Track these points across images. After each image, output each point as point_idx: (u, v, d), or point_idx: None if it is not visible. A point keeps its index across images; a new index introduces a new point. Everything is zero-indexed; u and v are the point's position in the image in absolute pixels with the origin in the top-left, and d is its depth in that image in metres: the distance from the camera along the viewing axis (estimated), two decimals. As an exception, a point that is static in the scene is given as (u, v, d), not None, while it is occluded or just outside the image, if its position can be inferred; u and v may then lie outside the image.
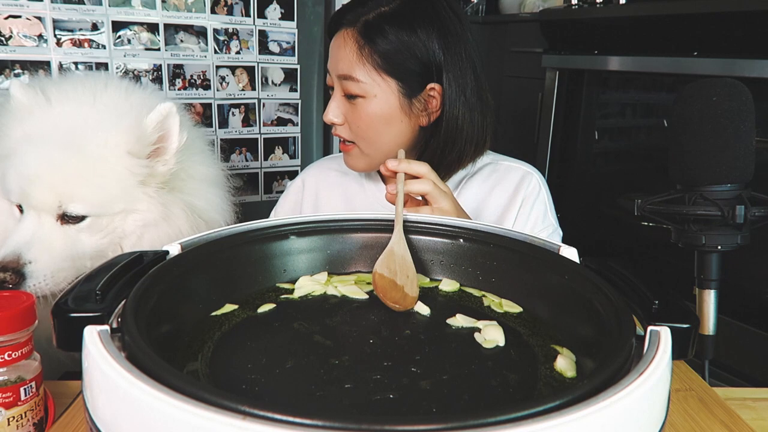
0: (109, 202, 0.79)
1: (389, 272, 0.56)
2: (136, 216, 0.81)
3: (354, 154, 0.95)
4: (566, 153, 2.10)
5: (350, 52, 0.89)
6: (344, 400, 0.39)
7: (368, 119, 0.90)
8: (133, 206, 0.80)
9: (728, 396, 0.66)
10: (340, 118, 0.92)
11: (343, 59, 0.89)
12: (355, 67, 0.88)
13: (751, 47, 1.45)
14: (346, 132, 0.93)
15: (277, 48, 1.64)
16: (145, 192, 0.81)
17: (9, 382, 0.52)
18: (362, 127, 0.91)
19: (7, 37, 1.29)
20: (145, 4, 1.41)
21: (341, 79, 0.90)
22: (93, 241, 0.79)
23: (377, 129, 0.91)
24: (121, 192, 0.79)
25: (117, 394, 0.31)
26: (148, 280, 0.45)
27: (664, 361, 0.35)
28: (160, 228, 0.82)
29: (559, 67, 2.01)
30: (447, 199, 0.77)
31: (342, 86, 0.91)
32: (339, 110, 0.92)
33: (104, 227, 0.79)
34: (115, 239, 0.80)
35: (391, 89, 0.89)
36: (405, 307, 0.54)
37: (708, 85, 0.73)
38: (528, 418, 0.29)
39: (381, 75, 0.88)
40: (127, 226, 0.80)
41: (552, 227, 0.98)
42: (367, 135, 0.91)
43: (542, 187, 0.99)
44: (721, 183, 0.71)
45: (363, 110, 0.90)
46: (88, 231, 0.78)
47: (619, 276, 0.48)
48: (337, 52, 0.91)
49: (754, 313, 1.50)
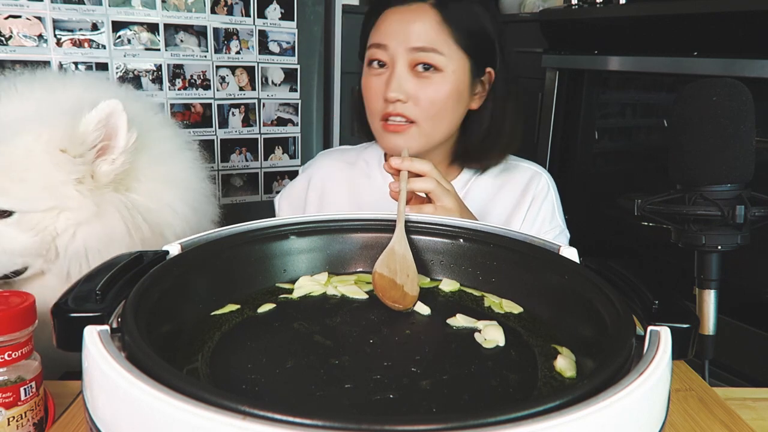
0: (36, 198, 0.76)
1: (389, 271, 0.56)
2: (68, 214, 0.78)
3: (411, 134, 0.90)
4: (566, 153, 2.10)
5: (431, 24, 0.87)
6: (344, 400, 0.39)
7: (443, 95, 0.88)
8: (65, 204, 0.77)
9: (728, 396, 0.66)
10: (405, 94, 0.88)
11: (421, 31, 0.87)
12: (436, 38, 0.87)
13: (751, 47, 1.45)
14: (410, 110, 0.89)
15: (277, 48, 1.64)
16: (79, 190, 0.78)
17: (9, 382, 0.52)
18: (435, 103, 0.88)
19: (7, 37, 1.29)
20: (145, 4, 1.41)
21: (415, 52, 0.87)
22: (23, 238, 0.76)
23: (447, 106, 0.89)
24: (49, 189, 0.77)
25: (117, 394, 0.31)
26: (148, 280, 0.45)
27: (664, 361, 0.35)
28: (93, 227, 0.79)
29: (559, 67, 2.01)
30: (450, 197, 0.77)
31: (415, 59, 0.87)
32: (403, 87, 0.88)
33: (34, 225, 0.77)
34: (47, 237, 0.78)
35: (465, 66, 0.89)
36: (405, 306, 0.54)
37: (708, 85, 0.73)
38: (528, 418, 0.29)
39: (459, 49, 0.88)
40: (59, 224, 0.78)
41: (559, 228, 0.98)
42: (436, 112, 0.89)
43: (551, 188, 0.99)
44: (721, 183, 0.71)
45: (438, 85, 0.88)
46: (17, 226, 0.76)
47: (619, 276, 0.47)
48: (409, 25, 0.88)
49: (754, 313, 1.50)
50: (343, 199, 1.05)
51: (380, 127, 0.91)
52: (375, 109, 0.92)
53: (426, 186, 0.75)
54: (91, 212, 0.78)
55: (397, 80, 0.88)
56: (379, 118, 0.91)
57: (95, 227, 0.79)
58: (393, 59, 0.89)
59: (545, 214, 0.97)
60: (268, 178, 1.72)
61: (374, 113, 0.92)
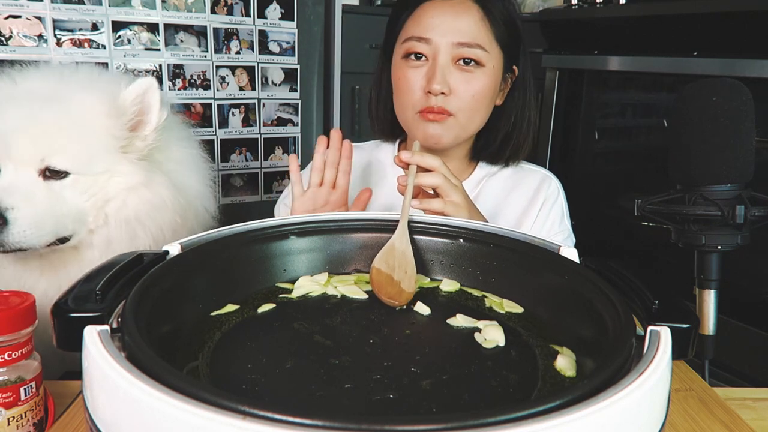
0: (92, 160, 0.78)
1: (387, 267, 0.57)
2: (120, 179, 0.80)
3: (449, 124, 0.91)
4: (566, 153, 2.10)
5: (474, 20, 0.89)
6: (344, 400, 0.39)
7: (482, 89, 0.90)
8: (116, 168, 0.80)
9: (728, 396, 0.66)
10: (447, 88, 0.89)
11: (465, 26, 0.89)
12: (479, 34, 0.89)
13: (751, 47, 1.45)
14: (451, 103, 0.89)
15: (277, 48, 1.64)
16: (127, 158, 0.81)
17: (9, 382, 0.52)
18: (475, 97, 0.90)
19: (7, 37, 1.29)
20: (145, 4, 1.41)
21: (460, 47, 0.89)
22: (76, 201, 0.78)
23: (483, 100, 0.91)
24: (103, 151, 0.79)
25: (117, 394, 0.31)
26: (148, 280, 0.45)
27: (664, 361, 0.35)
28: (142, 194, 0.81)
29: (559, 67, 2.01)
30: (458, 192, 0.77)
31: (459, 54, 0.89)
32: (447, 80, 0.89)
33: (88, 188, 0.78)
34: (98, 202, 0.79)
35: (500, 62, 0.92)
36: (401, 303, 0.54)
37: (708, 85, 0.73)
38: (528, 418, 0.29)
39: (497, 45, 0.91)
40: (111, 188, 0.80)
41: (567, 232, 0.99)
42: (474, 106, 0.91)
43: (560, 192, 1.01)
44: (721, 183, 0.71)
45: (479, 80, 0.90)
46: (72, 189, 0.77)
47: (619, 276, 0.47)
48: (454, 19, 0.89)
49: (754, 313, 1.50)
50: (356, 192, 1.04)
51: (417, 117, 0.92)
52: (411, 102, 0.92)
53: (434, 181, 0.76)
54: (140, 179, 0.81)
55: (442, 73, 0.88)
56: (416, 110, 0.92)
57: (145, 194, 0.81)
58: (435, 53, 0.89)
59: (555, 217, 0.98)
60: (268, 178, 1.72)
61: (410, 105, 0.92)
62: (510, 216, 0.99)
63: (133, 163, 0.81)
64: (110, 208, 0.80)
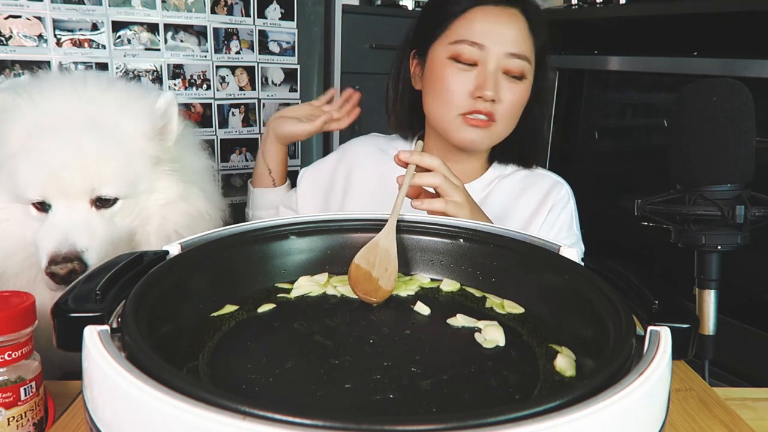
0: (136, 182, 0.79)
1: (367, 264, 0.57)
2: (158, 195, 0.81)
3: (491, 131, 0.93)
4: (566, 153, 2.10)
5: (523, 32, 0.91)
6: (344, 400, 0.39)
7: (522, 99, 0.93)
8: (154, 186, 0.81)
9: (728, 396, 0.66)
10: (497, 95, 0.90)
11: (517, 38, 0.90)
12: (526, 46, 0.91)
13: (751, 47, 1.45)
14: (498, 109, 0.91)
15: (277, 48, 1.64)
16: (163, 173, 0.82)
17: (9, 382, 0.52)
18: (515, 106, 0.93)
19: (7, 37, 1.29)
20: (145, 4, 1.41)
21: (511, 58, 0.90)
22: (125, 225, 0.79)
23: (521, 109, 0.95)
24: (144, 171, 0.80)
25: (117, 394, 0.31)
26: (148, 280, 0.45)
27: (664, 361, 0.35)
28: (181, 207, 0.83)
29: (559, 67, 2.01)
30: (459, 191, 0.77)
31: (507, 64, 0.90)
32: (497, 88, 0.90)
33: (133, 209, 0.79)
34: (142, 221, 0.81)
35: (532, 75, 0.94)
36: (378, 300, 0.54)
37: (708, 85, 0.73)
38: (528, 418, 0.29)
39: (535, 57, 0.93)
40: (151, 206, 0.81)
41: (575, 237, 0.99)
42: (514, 115, 0.94)
43: (571, 198, 1.01)
44: (721, 183, 0.71)
45: (521, 91, 0.93)
46: (120, 214, 0.78)
47: (619, 276, 0.47)
48: (507, 29, 0.90)
49: (754, 313, 1.50)
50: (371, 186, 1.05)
51: (459, 119, 0.92)
52: (455, 103, 0.92)
53: (433, 181, 0.76)
54: (178, 192, 0.83)
55: (494, 81, 0.90)
56: (459, 112, 0.92)
57: (183, 207, 0.83)
58: (486, 59, 0.90)
59: (563, 223, 0.99)
60: (268, 178, 1.71)
61: (454, 107, 0.93)
62: (518, 218, 0.99)
63: (169, 178, 0.82)
64: (151, 225, 0.81)
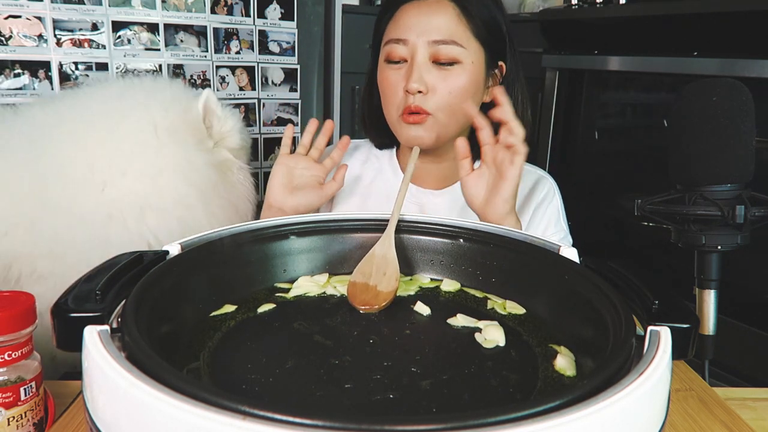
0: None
1: (363, 276, 0.56)
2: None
3: (429, 125, 0.90)
4: (566, 153, 2.10)
5: (450, 17, 0.89)
6: (344, 400, 0.39)
7: (461, 87, 0.89)
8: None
9: (728, 396, 0.66)
10: (424, 86, 0.89)
11: (441, 24, 0.89)
12: (455, 31, 0.88)
13: (751, 47, 1.45)
14: (429, 102, 0.90)
15: (277, 48, 1.64)
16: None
17: (9, 382, 0.52)
18: (453, 95, 0.89)
19: (7, 37, 1.29)
20: (145, 4, 1.41)
21: (436, 45, 0.88)
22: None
23: (464, 98, 0.90)
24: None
25: (117, 394, 0.31)
26: (148, 280, 0.45)
27: (664, 361, 0.35)
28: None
29: (559, 67, 2.01)
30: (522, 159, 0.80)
31: (435, 52, 0.89)
32: (423, 78, 0.89)
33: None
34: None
35: (481, 58, 0.91)
36: (379, 306, 0.53)
37: (708, 85, 0.73)
38: (528, 418, 0.29)
39: (477, 42, 0.90)
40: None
41: (563, 232, 0.98)
42: (452, 103, 0.90)
43: (556, 193, 1.00)
44: (721, 183, 0.71)
45: (457, 77, 0.89)
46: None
47: (619, 276, 0.47)
48: (429, 18, 0.89)
49: (754, 313, 1.50)
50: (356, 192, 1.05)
51: (399, 120, 0.92)
52: (394, 102, 0.92)
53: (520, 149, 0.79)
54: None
55: (418, 71, 0.88)
56: (398, 112, 0.92)
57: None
58: (413, 52, 0.89)
59: (550, 218, 0.98)
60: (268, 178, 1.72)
61: (393, 106, 0.92)
62: None
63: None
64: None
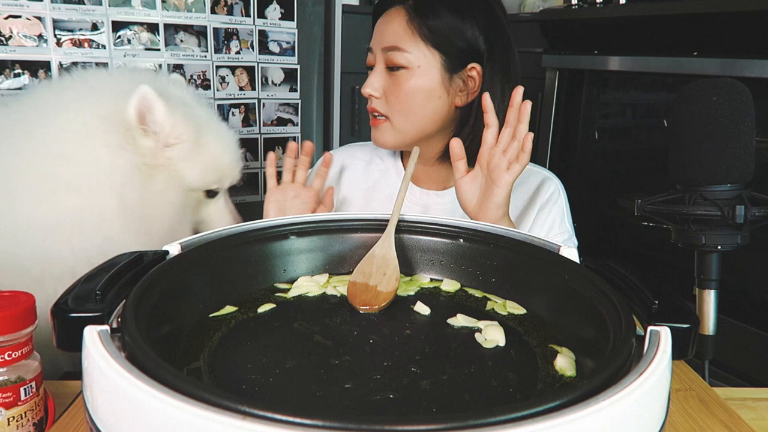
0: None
1: (363, 277, 0.56)
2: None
3: (384, 128, 0.95)
4: (566, 153, 2.10)
5: (399, 25, 0.91)
6: (344, 400, 0.39)
7: (409, 91, 0.91)
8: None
9: (728, 396, 0.66)
10: (378, 91, 0.93)
11: (391, 32, 0.91)
12: (402, 37, 0.90)
13: (751, 47, 1.45)
14: (382, 105, 0.94)
15: (277, 48, 1.64)
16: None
17: (9, 382, 0.52)
18: (401, 99, 0.92)
19: (7, 37, 1.29)
20: (145, 4, 1.41)
21: (386, 52, 0.92)
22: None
23: (416, 102, 0.91)
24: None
25: (117, 394, 0.31)
26: (148, 280, 0.45)
27: (664, 361, 0.35)
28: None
29: (559, 67, 2.01)
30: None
31: (386, 58, 0.92)
32: (378, 84, 0.93)
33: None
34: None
35: (435, 62, 0.91)
36: (379, 305, 0.53)
37: (708, 85, 0.73)
38: (528, 418, 0.29)
39: (427, 47, 0.91)
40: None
41: (568, 233, 0.98)
42: (405, 108, 0.92)
43: (561, 194, 1.00)
44: (721, 183, 0.71)
45: (405, 82, 0.91)
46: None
47: (619, 276, 0.47)
48: (384, 27, 0.93)
49: (754, 313, 1.50)
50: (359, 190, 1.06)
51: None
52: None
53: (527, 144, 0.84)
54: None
55: (372, 77, 0.94)
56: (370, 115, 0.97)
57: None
58: (375, 60, 0.94)
59: (555, 219, 0.98)
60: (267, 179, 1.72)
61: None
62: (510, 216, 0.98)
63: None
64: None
